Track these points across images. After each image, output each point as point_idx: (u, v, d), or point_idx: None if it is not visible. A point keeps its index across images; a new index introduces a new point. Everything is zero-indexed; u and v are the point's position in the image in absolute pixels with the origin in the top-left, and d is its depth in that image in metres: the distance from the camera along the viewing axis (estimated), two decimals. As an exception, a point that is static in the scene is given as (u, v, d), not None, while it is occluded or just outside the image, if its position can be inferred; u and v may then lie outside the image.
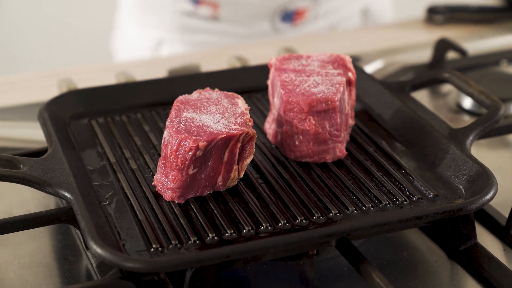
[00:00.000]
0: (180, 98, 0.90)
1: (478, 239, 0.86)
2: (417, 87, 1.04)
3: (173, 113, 0.87)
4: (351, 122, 0.98)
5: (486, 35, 1.46)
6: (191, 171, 0.84)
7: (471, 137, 0.92)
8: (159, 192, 0.86)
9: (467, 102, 1.18)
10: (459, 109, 1.19)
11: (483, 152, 1.08)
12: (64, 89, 1.11)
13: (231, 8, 1.54)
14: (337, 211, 0.84)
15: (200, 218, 0.83)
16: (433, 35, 1.45)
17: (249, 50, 1.39)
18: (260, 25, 1.57)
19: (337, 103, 0.91)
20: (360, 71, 1.07)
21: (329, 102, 0.90)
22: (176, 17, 1.57)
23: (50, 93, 1.13)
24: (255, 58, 1.26)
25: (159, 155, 0.92)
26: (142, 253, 0.78)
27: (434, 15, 1.53)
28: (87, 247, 0.82)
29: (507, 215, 0.89)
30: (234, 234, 0.81)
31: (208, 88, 0.92)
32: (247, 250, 0.76)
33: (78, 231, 0.87)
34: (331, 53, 0.98)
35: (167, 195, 0.85)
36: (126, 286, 0.76)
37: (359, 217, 0.84)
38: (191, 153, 0.83)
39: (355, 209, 0.85)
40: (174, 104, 0.89)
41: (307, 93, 0.91)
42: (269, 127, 0.98)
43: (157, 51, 1.60)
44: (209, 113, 0.87)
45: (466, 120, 1.16)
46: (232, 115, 0.87)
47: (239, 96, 0.91)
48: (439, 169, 0.91)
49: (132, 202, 0.85)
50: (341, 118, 0.93)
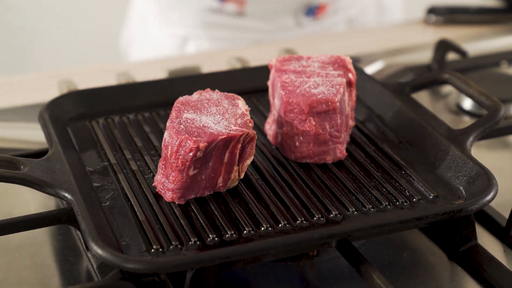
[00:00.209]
0: (180, 99, 0.90)
1: (478, 240, 0.86)
2: (417, 88, 1.04)
3: (173, 114, 0.87)
4: (351, 123, 0.98)
5: (486, 36, 1.46)
6: (191, 172, 0.84)
7: (471, 138, 0.92)
8: (159, 193, 0.86)
9: (467, 103, 1.18)
10: (459, 110, 1.19)
11: (483, 153, 1.08)
12: (64, 90, 1.11)
13: (258, 4, 1.56)
14: (337, 212, 0.84)
15: (200, 219, 0.83)
16: (433, 36, 1.45)
17: (250, 51, 1.39)
18: (283, 20, 1.59)
19: (338, 104, 0.91)
20: (360, 72, 1.08)
21: (330, 103, 0.90)
22: (201, 14, 1.59)
23: (50, 94, 1.13)
24: (255, 59, 1.26)
25: (160, 156, 0.92)
26: (142, 254, 0.78)
27: (434, 16, 1.53)
28: (88, 248, 0.82)
29: (507, 216, 0.89)
30: (234, 235, 0.81)
31: (208, 89, 0.92)
32: (247, 251, 0.76)
33: (78, 232, 0.87)
34: (331, 54, 0.98)
35: (168, 196, 0.85)
36: (126, 287, 0.76)
37: (359, 218, 0.84)
38: (191, 154, 0.83)
39: (356, 210, 0.85)
40: (174, 105, 0.89)
41: (308, 94, 0.91)
42: (270, 128, 0.98)
43: (183, 48, 1.62)
44: (210, 114, 0.87)
45: (466, 121, 1.16)
46: (232, 116, 0.87)
47: (240, 97, 0.91)
48: (439, 170, 0.91)
49: (132, 203, 0.85)
50: (342, 119, 0.93)
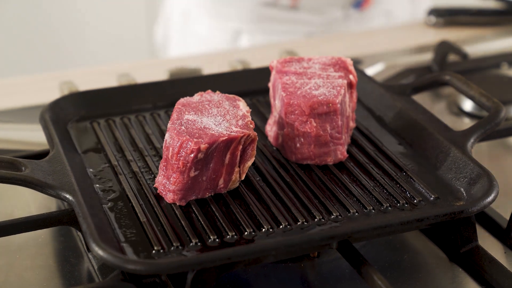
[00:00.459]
0: (181, 100, 0.90)
1: (479, 242, 0.86)
2: (418, 89, 1.05)
3: (174, 115, 0.87)
4: (352, 124, 0.98)
5: (486, 38, 1.47)
6: (192, 173, 0.84)
7: (472, 140, 0.92)
8: (160, 194, 0.86)
9: (468, 104, 1.18)
10: (460, 112, 1.19)
11: (484, 154, 1.08)
12: (65, 92, 1.11)
13: None
14: (338, 213, 0.84)
15: (201, 220, 0.83)
16: (434, 38, 1.46)
17: (250, 52, 1.39)
18: (333, 13, 1.65)
19: (338, 105, 0.91)
20: (361, 74, 1.08)
21: (330, 104, 0.91)
22: (256, 8, 1.62)
23: (51, 95, 1.13)
24: (256, 60, 1.26)
25: (161, 157, 0.92)
26: (143, 255, 0.78)
27: (434, 17, 1.53)
28: (89, 249, 0.82)
29: (508, 218, 0.89)
30: (235, 236, 0.81)
31: (209, 90, 0.92)
32: (248, 252, 0.76)
33: (79, 233, 0.87)
34: (332, 56, 0.98)
35: (169, 197, 0.85)
36: (127, 288, 0.76)
37: (360, 220, 0.84)
38: (192, 155, 0.83)
39: (356, 211, 0.85)
40: (175, 106, 0.89)
41: (308, 95, 0.91)
42: (270, 129, 0.98)
43: (236, 42, 1.65)
44: (211, 115, 0.87)
45: (467, 122, 1.16)
46: (233, 117, 0.87)
47: (241, 98, 0.91)
48: (440, 171, 0.91)
49: (133, 204, 0.85)
50: (342, 120, 0.93)
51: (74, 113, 1.01)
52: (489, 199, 0.82)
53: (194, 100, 0.90)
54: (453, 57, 1.32)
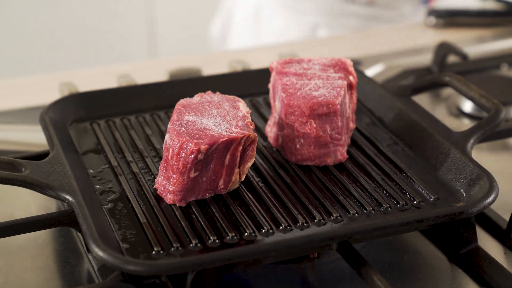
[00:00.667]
0: (181, 101, 0.90)
1: (479, 243, 0.86)
2: (418, 90, 1.05)
3: (174, 116, 0.87)
4: (352, 125, 0.98)
5: (486, 39, 1.47)
6: (192, 174, 0.84)
7: (471, 141, 0.92)
8: (160, 195, 0.86)
9: (467, 105, 1.18)
10: (460, 113, 1.19)
11: (484, 155, 1.08)
12: (65, 93, 1.11)
13: None
14: (338, 214, 0.84)
15: (201, 221, 0.83)
16: (434, 39, 1.46)
17: (251, 53, 1.39)
18: (403, 8, 1.71)
19: (338, 106, 0.91)
20: (361, 75, 1.08)
21: (330, 105, 0.91)
22: (334, 3, 1.68)
23: (51, 96, 1.13)
24: (256, 61, 1.26)
25: (161, 158, 0.92)
26: (143, 256, 0.78)
27: (434, 18, 1.53)
28: (89, 250, 0.82)
29: (507, 219, 0.89)
30: (235, 237, 0.81)
31: (209, 91, 0.92)
32: (248, 253, 0.76)
33: (79, 234, 0.87)
34: (332, 57, 0.98)
35: (169, 198, 0.85)
36: (127, 289, 0.76)
37: (360, 220, 0.84)
38: (192, 156, 0.83)
39: (356, 212, 0.85)
40: (175, 107, 0.89)
41: (308, 96, 0.91)
42: (270, 130, 0.98)
43: (314, 35, 1.70)
44: (211, 116, 0.87)
45: (466, 123, 1.16)
46: (233, 118, 0.87)
47: (241, 99, 0.91)
48: (440, 172, 0.91)
49: (133, 205, 0.85)
50: (342, 121, 0.93)
51: (74, 114, 1.01)
52: (489, 200, 0.82)
53: (194, 101, 0.90)
54: (453, 58, 1.32)
